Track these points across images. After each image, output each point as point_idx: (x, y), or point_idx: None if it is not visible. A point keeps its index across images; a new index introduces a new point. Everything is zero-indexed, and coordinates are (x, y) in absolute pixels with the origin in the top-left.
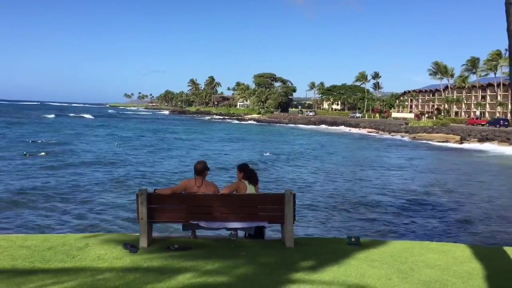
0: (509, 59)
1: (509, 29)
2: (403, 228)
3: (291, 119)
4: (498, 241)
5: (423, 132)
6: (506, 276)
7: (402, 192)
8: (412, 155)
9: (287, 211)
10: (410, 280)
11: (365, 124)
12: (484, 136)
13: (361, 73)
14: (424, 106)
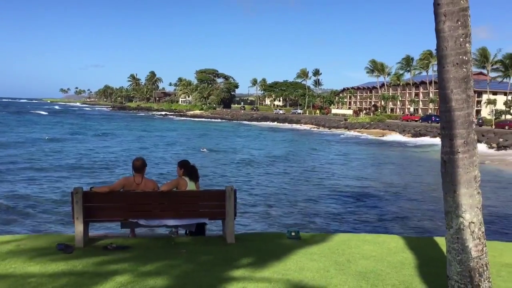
0: (437, 58)
1: (437, 29)
2: (341, 222)
3: (234, 115)
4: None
5: (361, 128)
6: (435, 265)
7: (340, 186)
8: (350, 150)
9: (228, 207)
10: (347, 271)
11: (306, 120)
12: (418, 131)
13: (302, 70)
14: (362, 102)
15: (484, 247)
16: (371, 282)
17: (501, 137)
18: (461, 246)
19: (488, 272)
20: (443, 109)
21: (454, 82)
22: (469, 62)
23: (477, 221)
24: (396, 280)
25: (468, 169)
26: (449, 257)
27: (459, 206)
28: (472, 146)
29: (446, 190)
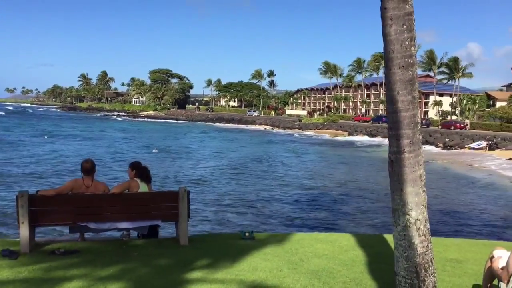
0: (384, 60)
1: (384, 33)
2: (295, 221)
3: (188, 115)
4: (379, 229)
5: (315, 128)
6: (384, 261)
7: (295, 186)
8: (304, 150)
9: (181, 208)
10: (300, 270)
11: (261, 121)
12: (369, 131)
13: (257, 71)
14: (316, 103)
15: (429, 243)
16: (323, 280)
17: (447, 137)
18: (407, 243)
19: (433, 267)
20: (390, 110)
21: (400, 84)
22: (414, 64)
23: (423, 218)
24: (347, 277)
25: (414, 168)
26: (396, 254)
27: (405, 204)
28: (418, 146)
29: (394, 188)
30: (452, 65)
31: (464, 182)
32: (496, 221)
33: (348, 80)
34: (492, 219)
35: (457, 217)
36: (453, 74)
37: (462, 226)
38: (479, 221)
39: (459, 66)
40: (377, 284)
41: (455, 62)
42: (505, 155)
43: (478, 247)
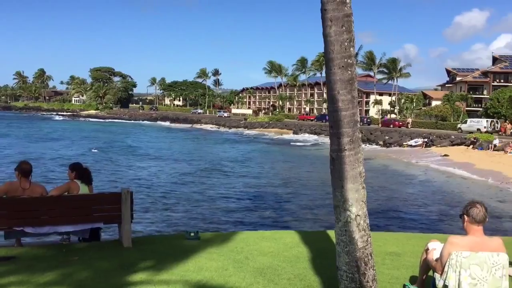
0: (325, 61)
1: (325, 34)
2: (241, 220)
3: (132, 115)
4: (322, 226)
5: (260, 127)
6: (328, 257)
7: (240, 185)
8: (250, 149)
9: (124, 210)
10: (245, 268)
11: (207, 120)
12: (313, 130)
13: (202, 70)
14: (261, 102)
15: (369, 238)
16: (268, 277)
17: (387, 135)
18: (348, 238)
19: (373, 260)
20: (331, 109)
21: (341, 84)
22: (354, 65)
23: (363, 214)
24: (292, 274)
25: (354, 166)
26: (338, 249)
27: (346, 201)
28: (357, 144)
29: (335, 185)
30: (391, 65)
31: (403, 178)
32: (432, 215)
33: (293, 80)
34: (429, 213)
35: (397, 212)
36: (391, 74)
37: (401, 221)
38: (417, 215)
39: (397, 67)
40: (320, 279)
41: (393, 63)
42: (441, 151)
43: (415, 240)
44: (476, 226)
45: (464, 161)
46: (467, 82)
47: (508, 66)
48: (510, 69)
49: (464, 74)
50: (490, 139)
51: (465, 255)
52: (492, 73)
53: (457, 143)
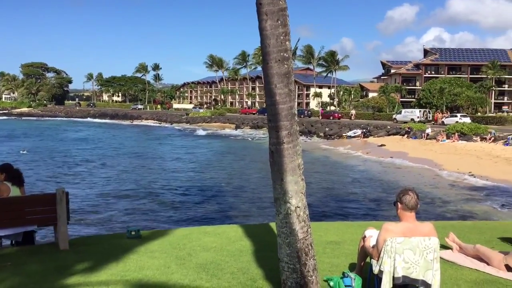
0: (262, 54)
1: (261, 28)
2: (184, 215)
3: (68, 112)
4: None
5: (202, 122)
6: (270, 249)
7: (183, 180)
8: (193, 144)
9: (59, 211)
10: (188, 265)
11: (148, 115)
12: (256, 124)
13: (141, 65)
14: (203, 97)
15: (309, 229)
16: (211, 272)
17: (327, 127)
18: (289, 230)
19: (314, 250)
20: (269, 103)
21: (277, 77)
22: (290, 58)
23: (302, 205)
24: (235, 267)
25: (292, 158)
26: (279, 241)
27: (286, 193)
28: (295, 136)
29: (275, 178)
30: (329, 58)
31: (342, 168)
32: (370, 203)
33: (234, 73)
34: (368, 201)
35: (337, 202)
36: (330, 67)
37: (341, 210)
38: (356, 204)
39: (335, 60)
40: (263, 272)
41: (331, 56)
42: (378, 141)
43: (354, 228)
44: (408, 212)
45: (399, 150)
46: (401, 74)
47: (439, 59)
48: (440, 61)
49: (398, 67)
50: (423, 129)
51: (399, 241)
52: (423, 65)
53: (393, 133)
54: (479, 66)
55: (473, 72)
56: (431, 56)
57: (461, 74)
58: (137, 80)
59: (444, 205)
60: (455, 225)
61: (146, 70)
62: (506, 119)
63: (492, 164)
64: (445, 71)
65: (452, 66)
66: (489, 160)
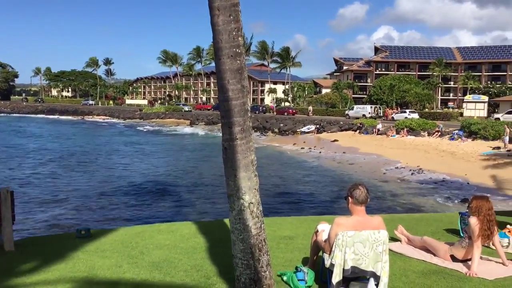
0: (214, 50)
1: (213, 23)
2: (137, 214)
3: (15, 107)
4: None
5: (156, 118)
6: (224, 246)
7: (136, 178)
8: (146, 140)
9: (3, 211)
10: (140, 264)
11: (99, 111)
12: (210, 120)
13: (92, 59)
14: (157, 92)
15: (262, 224)
16: (164, 270)
17: (281, 123)
18: (242, 226)
19: (267, 246)
20: (222, 98)
21: (230, 73)
22: (242, 54)
23: (255, 201)
24: (188, 265)
25: (245, 154)
26: (233, 237)
27: (239, 189)
28: (249, 132)
29: (228, 174)
30: (284, 54)
31: (296, 164)
32: (323, 198)
33: (188, 69)
34: (321, 196)
35: (291, 197)
36: (284, 63)
37: (295, 205)
38: (310, 199)
39: (289, 56)
40: (217, 268)
41: (286, 52)
42: (331, 137)
43: (308, 223)
44: (359, 206)
45: (351, 146)
46: (353, 71)
47: (389, 56)
48: (390, 59)
49: (350, 63)
50: (374, 124)
51: (350, 235)
52: (374, 62)
53: (345, 128)
54: (427, 63)
55: (421, 69)
56: (382, 53)
57: (410, 71)
58: (87, 75)
59: (394, 198)
60: (403, 218)
61: (97, 65)
62: (451, 114)
63: (438, 158)
64: (395, 68)
65: (401, 64)
66: (436, 154)
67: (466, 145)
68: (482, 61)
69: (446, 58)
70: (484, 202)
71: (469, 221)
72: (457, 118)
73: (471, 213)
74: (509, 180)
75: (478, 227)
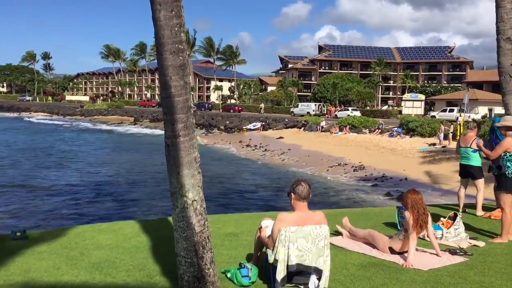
0: (156, 46)
1: (154, 18)
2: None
3: None
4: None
5: (99, 115)
6: (168, 244)
7: (78, 177)
8: (88, 138)
9: None
10: (80, 265)
11: (37, 107)
12: (155, 117)
13: (28, 53)
14: (99, 88)
15: (206, 222)
16: (105, 271)
17: (227, 120)
18: (186, 224)
19: (211, 243)
20: (164, 95)
21: (173, 69)
22: (185, 50)
23: (199, 199)
24: (131, 265)
25: (189, 151)
26: (176, 235)
27: (182, 187)
28: (191, 129)
29: (171, 172)
30: (229, 51)
31: (241, 161)
32: (268, 194)
33: (132, 65)
34: (265, 193)
35: (236, 194)
36: (230, 60)
37: (240, 202)
38: (254, 195)
39: (235, 53)
40: (160, 267)
41: (231, 49)
42: (276, 134)
43: (252, 219)
44: (301, 202)
45: (296, 143)
46: (297, 69)
47: (332, 55)
48: (333, 58)
49: (295, 62)
50: (318, 122)
51: (293, 230)
52: (318, 60)
53: (291, 126)
54: (368, 63)
55: (362, 68)
56: (325, 52)
57: (352, 70)
58: (24, 70)
59: (337, 194)
60: (345, 213)
61: (34, 59)
62: (391, 112)
63: (379, 155)
64: (338, 67)
65: (344, 63)
66: (376, 151)
67: (405, 142)
68: (420, 61)
69: (386, 58)
70: (414, 196)
71: (405, 214)
72: (396, 116)
73: (405, 207)
74: (443, 175)
75: (412, 220)
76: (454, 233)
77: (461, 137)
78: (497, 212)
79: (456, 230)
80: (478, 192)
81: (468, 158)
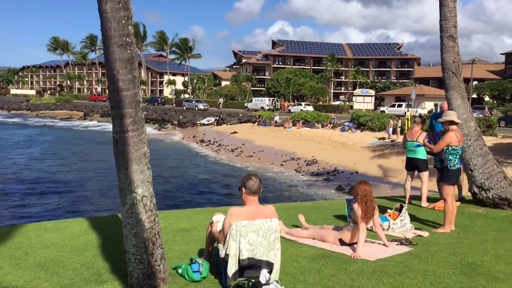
0: (102, 38)
1: (100, 10)
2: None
3: None
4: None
5: (46, 109)
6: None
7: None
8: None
9: None
10: (24, 265)
11: None
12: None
13: None
14: (46, 82)
15: (156, 218)
16: (51, 270)
17: (181, 115)
18: (135, 220)
19: (161, 239)
20: (112, 89)
21: (120, 63)
22: (133, 44)
23: (149, 195)
24: (78, 263)
25: (138, 147)
26: (125, 232)
27: (131, 182)
28: (141, 124)
29: (119, 168)
30: (183, 45)
31: (194, 157)
32: (220, 189)
33: (81, 58)
34: (217, 188)
35: (188, 190)
36: (183, 54)
37: (192, 197)
38: (207, 191)
39: (188, 47)
40: (109, 265)
41: (185, 43)
42: (230, 129)
43: (205, 214)
44: (252, 196)
45: (249, 138)
46: (251, 64)
47: (285, 50)
48: (286, 53)
49: (249, 56)
50: (272, 116)
51: (244, 224)
52: (272, 56)
53: (245, 120)
54: (320, 58)
55: (315, 63)
56: (279, 47)
57: (305, 66)
58: None
59: (290, 188)
60: (296, 206)
61: None
62: (343, 107)
63: (331, 149)
64: (291, 62)
65: (297, 58)
66: (329, 145)
67: (356, 136)
68: (370, 58)
69: (338, 53)
70: (365, 187)
71: (353, 206)
72: (348, 110)
73: (354, 198)
74: (392, 168)
75: (360, 211)
76: (400, 224)
77: (407, 131)
78: (440, 203)
79: (402, 221)
80: (422, 184)
81: (414, 151)
